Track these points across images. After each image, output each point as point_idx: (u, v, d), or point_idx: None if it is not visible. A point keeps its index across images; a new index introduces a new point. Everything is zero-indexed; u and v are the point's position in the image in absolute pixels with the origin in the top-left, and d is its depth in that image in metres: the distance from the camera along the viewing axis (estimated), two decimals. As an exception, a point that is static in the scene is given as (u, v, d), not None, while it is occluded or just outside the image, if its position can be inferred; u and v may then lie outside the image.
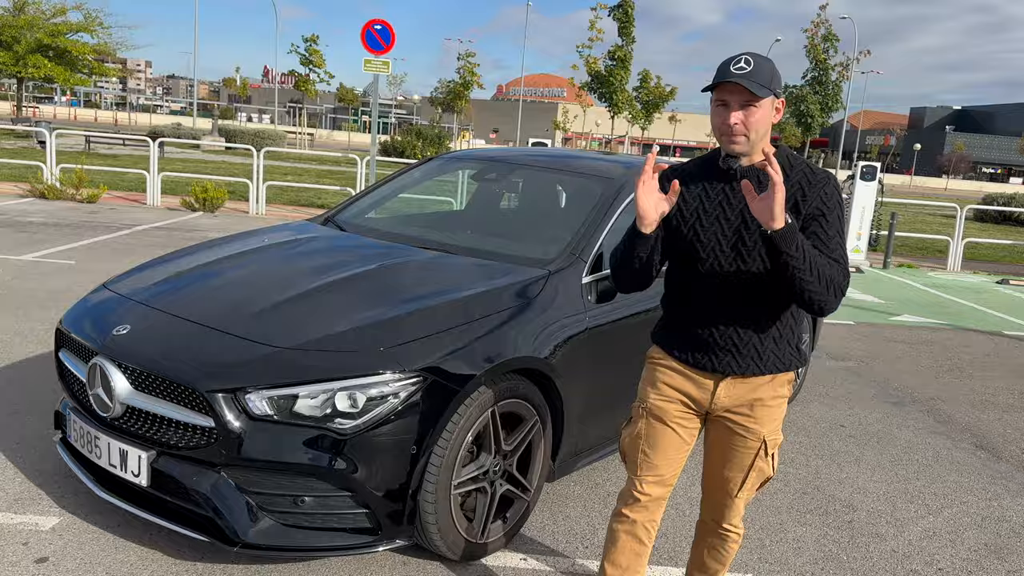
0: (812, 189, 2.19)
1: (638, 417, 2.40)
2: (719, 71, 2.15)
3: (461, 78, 47.82)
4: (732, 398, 2.31)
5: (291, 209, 14.29)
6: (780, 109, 2.22)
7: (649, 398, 2.39)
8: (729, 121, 2.13)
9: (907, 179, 75.39)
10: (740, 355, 2.26)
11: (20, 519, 3.11)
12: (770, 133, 2.24)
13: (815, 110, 19.19)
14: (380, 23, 12.65)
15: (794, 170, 2.23)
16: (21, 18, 31.62)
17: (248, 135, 32.97)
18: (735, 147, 2.17)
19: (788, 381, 2.36)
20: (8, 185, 14.01)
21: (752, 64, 2.13)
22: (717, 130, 2.18)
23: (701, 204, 2.27)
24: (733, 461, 2.36)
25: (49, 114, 56.99)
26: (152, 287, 3.35)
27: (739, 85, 2.10)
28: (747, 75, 2.09)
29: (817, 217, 2.17)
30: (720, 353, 2.27)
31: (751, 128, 2.14)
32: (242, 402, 2.65)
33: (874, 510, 3.87)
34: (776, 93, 2.17)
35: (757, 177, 2.20)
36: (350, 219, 4.41)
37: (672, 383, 2.36)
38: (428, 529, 2.82)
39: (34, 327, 5.57)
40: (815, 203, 2.18)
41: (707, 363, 2.29)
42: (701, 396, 2.33)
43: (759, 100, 2.12)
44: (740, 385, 2.29)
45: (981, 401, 5.87)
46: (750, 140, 2.16)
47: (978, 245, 16.96)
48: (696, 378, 2.33)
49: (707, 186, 2.28)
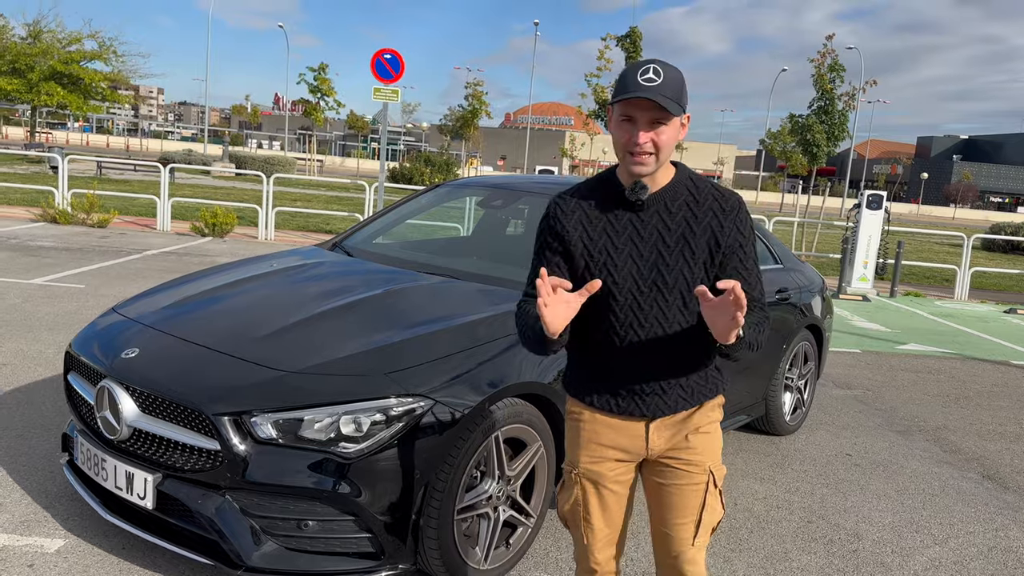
0: (727, 218, 2.02)
1: (572, 483, 2.20)
2: (625, 82, 1.90)
3: (470, 106, 48.19)
4: (666, 437, 2.12)
5: (300, 235, 14.38)
6: (686, 125, 1.99)
7: (580, 462, 2.17)
8: (637, 140, 1.90)
9: (914, 208, 75.42)
10: (666, 394, 2.09)
11: (26, 541, 3.12)
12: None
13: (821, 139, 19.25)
14: (390, 52, 12.81)
15: (701, 194, 2.04)
16: (36, 46, 32.08)
17: (258, 162, 33.29)
18: (641, 168, 1.94)
19: (719, 404, 2.21)
20: (20, 210, 14.16)
21: (662, 75, 1.88)
22: (621, 148, 1.95)
23: (609, 240, 2.03)
24: (681, 504, 2.12)
25: (62, 140, 57.65)
26: (160, 311, 3.39)
27: (650, 101, 1.87)
28: (658, 89, 1.86)
29: (736, 250, 2.03)
30: (645, 397, 2.09)
31: (661, 148, 1.92)
32: (247, 425, 2.68)
33: (879, 539, 3.85)
34: (684, 108, 1.94)
35: (665, 205, 2.01)
36: (357, 245, 4.46)
37: (600, 439, 2.14)
38: (431, 554, 2.82)
39: (43, 350, 5.61)
40: (732, 234, 2.03)
41: (633, 408, 2.09)
42: (633, 444, 2.13)
43: (670, 117, 1.90)
44: (670, 422, 2.12)
45: (988, 431, 5.84)
46: (658, 160, 1.94)
47: (985, 274, 16.94)
48: (624, 426, 2.12)
49: (611, 219, 2.04)
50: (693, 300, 2.02)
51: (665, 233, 2.01)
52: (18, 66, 31.59)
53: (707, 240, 2.01)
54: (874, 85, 18.96)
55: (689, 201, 2.03)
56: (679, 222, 2.01)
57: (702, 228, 2.01)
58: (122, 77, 34.91)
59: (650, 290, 2.01)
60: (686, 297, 2.01)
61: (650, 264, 2.01)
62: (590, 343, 2.12)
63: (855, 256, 12.75)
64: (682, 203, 2.02)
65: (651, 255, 2.01)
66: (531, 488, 3.23)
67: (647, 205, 2.02)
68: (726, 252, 2.02)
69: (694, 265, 2.01)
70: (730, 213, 2.03)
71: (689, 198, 2.03)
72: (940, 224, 47.08)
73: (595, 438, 2.15)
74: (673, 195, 2.02)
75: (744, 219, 2.05)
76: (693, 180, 2.06)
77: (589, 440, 2.16)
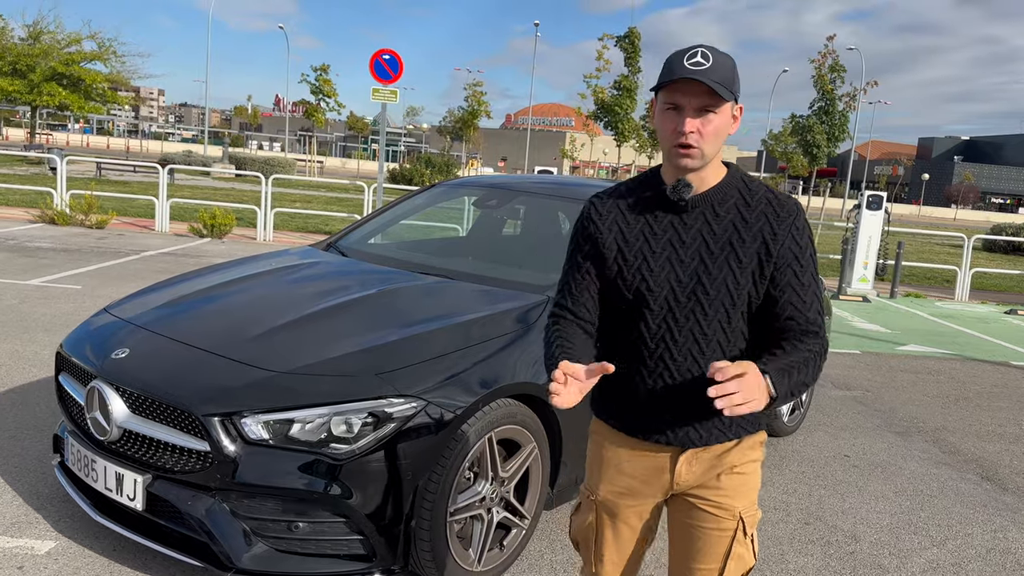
0: (781, 224, 1.80)
1: (588, 508, 2.03)
2: (670, 66, 1.72)
3: (470, 107, 48.22)
4: (696, 473, 1.90)
5: (299, 236, 14.36)
6: (738, 117, 1.82)
7: (599, 489, 1.99)
8: (684, 128, 1.71)
9: (916, 209, 75.40)
10: (700, 423, 1.85)
11: (16, 543, 3.10)
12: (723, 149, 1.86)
13: (821, 140, 19.22)
14: (389, 53, 12.80)
15: (755, 198, 1.83)
16: (36, 47, 32.09)
17: (258, 163, 33.28)
18: (687, 162, 1.75)
19: (760, 443, 1.96)
20: (19, 211, 14.14)
21: (711, 59, 1.70)
22: (666, 140, 1.76)
23: (646, 243, 1.84)
24: (705, 549, 1.91)
25: (62, 141, 57.68)
26: (152, 311, 3.37)
27: (699, 84, 1.69)
28: (706, 72, 1.68)
29: (790, 263, 1.80)
30: (677, 423, 1.86)
31: (708, 139, 1.73)
32: (237, 426, 2.65)
33: (877, 541, 3.82)
34: (736, 97, 1.77)
35: (713, 208, 1.82)
36: (352, 245, 4.44)
37: (623, 467, 1.95)
38: (423, 557, 2.79)
39: (38, 351, 5.59)
40: (787, 243, 1.80)
41: (661, 436, 1.88)
42: (659, 476, 1.93)
43: (719, 104, 1.72)
44: (703, 456, 1.90)
45: (988, 432, 5.81)
46: (705, 154, 1.75)
47: (986, 275, 16.90)
48: (650, 455, 1.92)
49: (650, 220, 1.85)
50: (737, 315, 1.81)
51: (710, 238, 1.80)
52: (19, 67, 31.62)
53: (757, 248, 1.79)
54: (875, 86, 18.99)
55: (739, 204, 1.81)
56: (726, 227, 1.80)
57: (752, 235, 1.79)
58: (122, 78, 34.94)
59: (688, 300, 1.80)
60: (729, 311, 1.80)
61: (690, 271, 1.80)
62: (617, 355, 1.91)
63: (855, 257, 12.72)
64: (731, 206, 1.81)
65: (692, 261, 1.80)
66: (525, 490, 3.20)
67: (691, 206, 1.81)
68: (778, 263, 1.79)
69: (740, 275, 1.78)
70: (785, 219, 1.80)
71: (740, 201, 1.82)
72: (941, 225, 47.03)
73: (617, 464, 1.96)
74: (722, 197, 1.82)
75: (802, 228, 1.82)
76: (746, 182, 1.86)
77: (610, 466, 1.97)
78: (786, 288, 1.80)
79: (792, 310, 1.79)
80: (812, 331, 1.80)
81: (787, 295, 1.79)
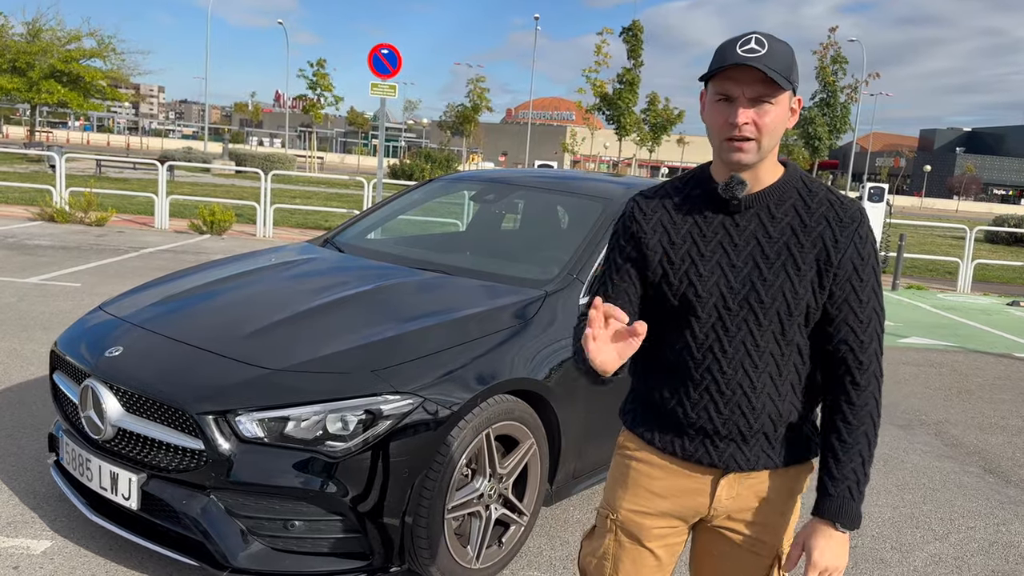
0: (844, 230, 1.63)
1: (605, 530, 1.81)
2: (722, 53, 1.58)
3: (470, 102, 48.16)
4: (737, 500, 1.73)
5: (298, 232, 14.34)
6: (796, 110, 1.66)
7: (622, 507, 1.78)
8: (736, 120, 1.55)
9: (918, 201, 75.29)
10: (747, 444, 1.69)
11: (12, 542, 3.08)
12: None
13: (823, 132, 19.15)
14: (387, 47, 12.75)
15: (815, 200, 1.66)
16: (35, 44, 32.07)
17: (258, 159, 33.22)
18: (741, 157, 1.58)
19: (809, 472, 1.80)
20: (19, 208, 14.12)
21: (766, 46, 1.54)
22: (718, 133, 1.60)
23: (694, 245, 1.68)
24: None
25: (62, 139, 57.64)
26: (147, 309, 3.34)
27: (753, 70, 1.53)
28: (762, 59, 1.53)
29: (850, 276, 1.63)
30: (721, 442, 1.69)
31: (764, 132, 1.56)
32: (232, 424, 2.63)
33: (879, 535, 3.79)
34: (795, 87, 1.61)
35: (768, 209, 1.65)
36: (349, 240, 4.41)
37: (654, 486, 1.76)
38: (421, 554, 2.77)
39: (36, 349, 5.57)
40: (849, 252, 1.62)
41: (703, 455, 1.70)
42: (695, 501, 1.74)
43: (776, 94, 1.55)
44: (747, 481, 1.72)
45: (990, 425, 5.78)
46: (761, 148, 1.58)
47: (988, 267, 16.85)
48: (687, 475, 1.74)
49: (699, 220, 1.69)
50: (793, 327, 1.64)
51: (765, 242, 1.64)
52: (18, 64, 31.61)
53: (816, 254, 1.62)
54: (877, 78, 18.89)
55: (798, 205, 1.65)
56: (783, 229, 1.64)
57: (812, 239, 1.63)
58: (121, 74, 34.91)
59: (740, 308, 1.64)
60: (784, 323, 1.63)
61: (743, 277, 1.64)
62: (659, 366, 1.74)
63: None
64: (789, 207, 1.65)
65: (745, 266, 1.64)
66: (524, 486, 3.18)
67: (745, 206, 1.65)
68: (838, 275, 1.62)
69: (799, 284, 1.62)
70: (848, 225, 1.63)
71: (799, 202, 1.65)
72: (943, 217, 46.95)
73: (647, 483, 1.77)
74: (779, 198, 1.65)
75: (865, 236, 1.64)
76: (805, 182, 1.69)
77: (639, 484, 1.77)
78: (843, 305, 1.64)
79: (847, 331, 1.64)
80: (867, 368, 1.65)
81: (844, 313, 1.64)
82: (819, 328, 1.67)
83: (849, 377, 1.65)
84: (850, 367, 1.65)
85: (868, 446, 1.65)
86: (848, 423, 1.65)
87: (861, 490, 1.64)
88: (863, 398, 1.65)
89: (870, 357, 1.65)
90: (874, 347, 1.65)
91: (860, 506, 1.64)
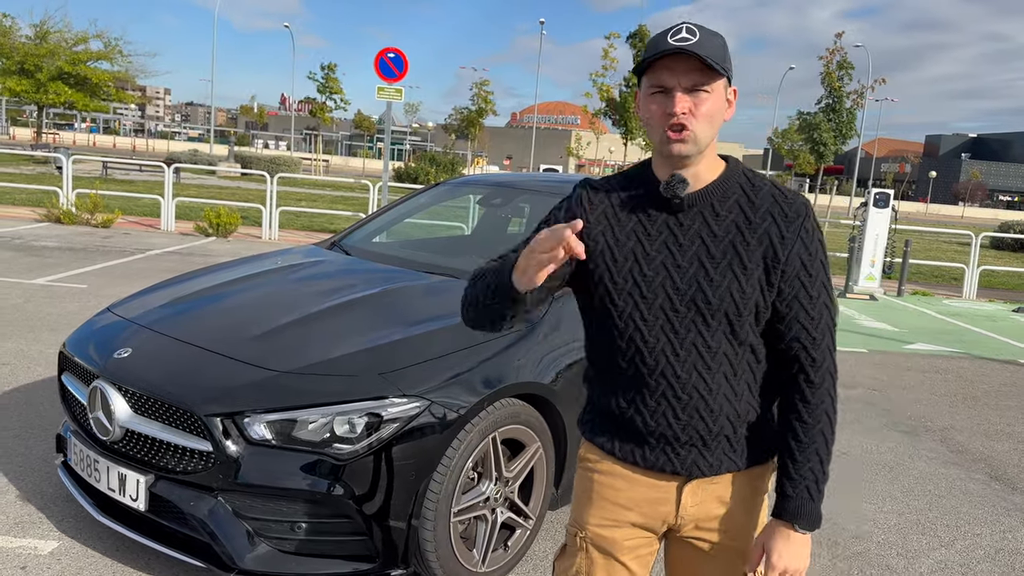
0: (790, 226, 1.61)
1: (576, 549, 1.77)
2: (653, 44, 1.55)
3: (475, 105, 48.22)
4: (702, 506, 1.70)
5: (304, 234, 14.36)
6: (733, 101, 1.64)
7: (589, 524, 1.75)
8: (675, 109, 1.52)
9: (923, 207, 75.13)
10: (708, 449, 1.66)
11: (19, 543, 3.09)
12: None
13: (828, 137, 19.12)
14: (393, 51, 12.79)
15: (759, 195, 1.63)
16: (43, 47, 32.19)
17: (264, 161, 33.31)
18: (682, 148, 1.55)
19: (772, 471, 1.78)
20: (25, 210, 14.17)
21: (698, 34, 1.52)
22: (655, 125, 1.57)
23: (639, 244, 1.64)
24: None
25: (69, 141, 57.77)
26: (155, 311, 3.36)
27: (688, 58, 1.51)
28: (695, 46, 1.51)
29: (798, 272, 1.61)
30: (682, 449, 1.66)
31: (701, 120, 1.54)
32: (240, 426, 2.64)
33: (884, 541, 3.79)
34: (730, 76, 1.59)
35: (712, 207, 1.62)
36: (356, 243, 4.42)
37: (619, 498, 1.73)
38: (427, 557, 2.78)
39: (43, 350, 5.59)
40: (796, 248, 1.60)
41: (665, 463, 1.67)
42: (660, 510, 1.71)
43: (712, 81, 1.53)
44: (711, 487, 1.70)
45: (996, 431, 5.77)
46: (699, 139, 1.55)
47: (994, 273, 16.81)
48: (650, 484, 1.70)
49: (644, 220, 1.65)
50: (744, 327, 1.61)
51: (710, 241, 1.61)
52: (26, 66, 31.72)
53: (763, 252, 1.60)
54: (883, 83, 18.82)
55: (743, 202, 1.62)
56: (728, 227, 1.61)
57: (758, 236, 1.60)
58: (128, 76, 35.02)
59: (688, 310, 1.60)
60: (734, 323, 1.60)
61: (689, 277, 1.60)
62: (612, 375, 1.70)
63: (862, 255, 12.66)
64: (734, 204, 1.62)
65: (691, 267, 1.60)
66: (530, 490, 3.18)
67: (688, 205, 1.62)
68: (786, 272, 1.60)
69: (746, 283, 1.59)
70: (794, 220, 1.61)
71: (743, 198, 1.63)
72: (949, 223, 46.87)
73: (611, 495, 1.74)
74: (722, 194, 1.63)
75: (811, 231, 1.62)
76: (748, 177, 1.66)
77: (604, 498, 1.74)
78: (793, 302, 1.62)
79: (798, 328, 1.62)
80: (821, 364, 1.64)
81: (794, 310, 1.62)
82: (770, 327, 1.64)
83: (803, 375, 1.64)
84: (803, 365, 1.64)
85: (825, 444, 1.64)
86: (804, 422, 1.64)
87: (820, 489, 1.63)
88: (818, 396, 1.64)
89: (823, 353, 1.64)
90: (826, 343, 1.64)
91: (819, 506, 1.63)
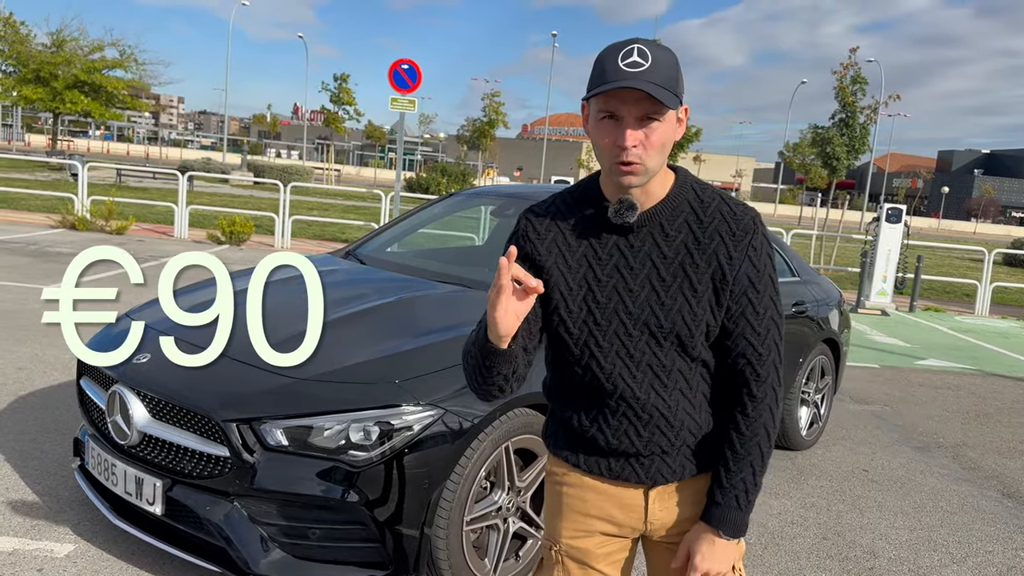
0: (737, 245, 1.59)
1: (552, 563, 1.78)
2: (604, 69, 1.50)
3: (487, 116, 48.38)
4: (670, 510, 1.71)
5: (316, 243, 14.44)
6: (683, 119, 1.59)
7: (562, 537, 1.76)
8: (625, 143, 1.49)
9: (935, 222, 74.85)
10: (669, 457, 1.67)
11: (36, 545, 3.12)
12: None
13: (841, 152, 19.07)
14: (407, 63, 12.89)
15: (707, 212, 1.61)
16: (59, 55, 32.51)
17: (276, 170, 33.47)
18: (631, 179, 1.53)
19: None
20: (41, 216, 14.30)
21: (649, 58, 1.48)
22: (605, 155, 1.55)
23: (591, 270, 1.62)
24: None
25: (83, 148, 58.25)
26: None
27: (637, 92, 1.47)
28: (646, 75, 1.46)
29: (746, 290, 1.60)
30: (643, 459, 1.67)
31: (652, 151, 1.51)
32: (257, 432, 2.67)
33: (896, 557, 3.78)
34: (681, 99, 1.55)
35: (662, 227, 1.60)
36: (370, 253, 4.45)
37: (587, 508, 1.73)
38: (439, 565, 2.79)
39: (58, 355, 5.64)
40: (744, 267, 1.59)
41: (630, 473, 1.68)
42: (628, 516, 1.72)
43: (664, 111, 1.50)
44: (675, 493, 1.71)
45: (1009, 448, 5.74)
46: (649, 169, 1.53)
47: (1007, 289, 16.73)
48: (617, 493, 1.71)
49: (594, 243, 1.63)
50: (696, 345, 1.61)
51: (660, 263, 1.59)
52: (42, 75, 32.03)
53: (712, 273, 1.58)
54: (897, 99, 18.73)
55: (691, 220, 1.60)
56: (677, 248, 1.59)
57: (706, 257, 1.58)
58: (143, 84, 35.32)
59: (641, 334, 1.60)
60: (687, 343, 1.60)
61: (641, 302, 1.59)
62: (573, 395, 1.71)
63: (874, 270, 12.64)
64: (682, 223, 1.60)
65: (643, 290, 1.59)
66: (542, 500, 3.19)
67: (638, 226, 1.60)
68: (734, 291, 1.59)
69: (696, 305, 1.59)
70: (742, 238, 1.59)
71: (691, 216, 1.60)
72: (961, 239, 46.68)
73: (581, 507, 1.74)
74: (672, 212, 1.60)
75: (760, 247, 1.60)
76: (697, 192, 1.64)
77: (573, 509, 1.75)
78: (740, 319, 1.61)
79: (745, 344, 1.62)
80: (765, 380, 1.64)
81: (741, 327, 1.61)
82: (718, 342, 1.65)
83: (746, 389, 1.65)
84: (748, 379, 1.64)
85: (760, 457, 1.65)
86: (741, 434, 1.65)
87: (750, 499, 1.65)
88: (758, 410, 1.64)
89: (768, 369, 1.64)
90: (772, 358, 1.64)
91: (747, 516, 1.65)
